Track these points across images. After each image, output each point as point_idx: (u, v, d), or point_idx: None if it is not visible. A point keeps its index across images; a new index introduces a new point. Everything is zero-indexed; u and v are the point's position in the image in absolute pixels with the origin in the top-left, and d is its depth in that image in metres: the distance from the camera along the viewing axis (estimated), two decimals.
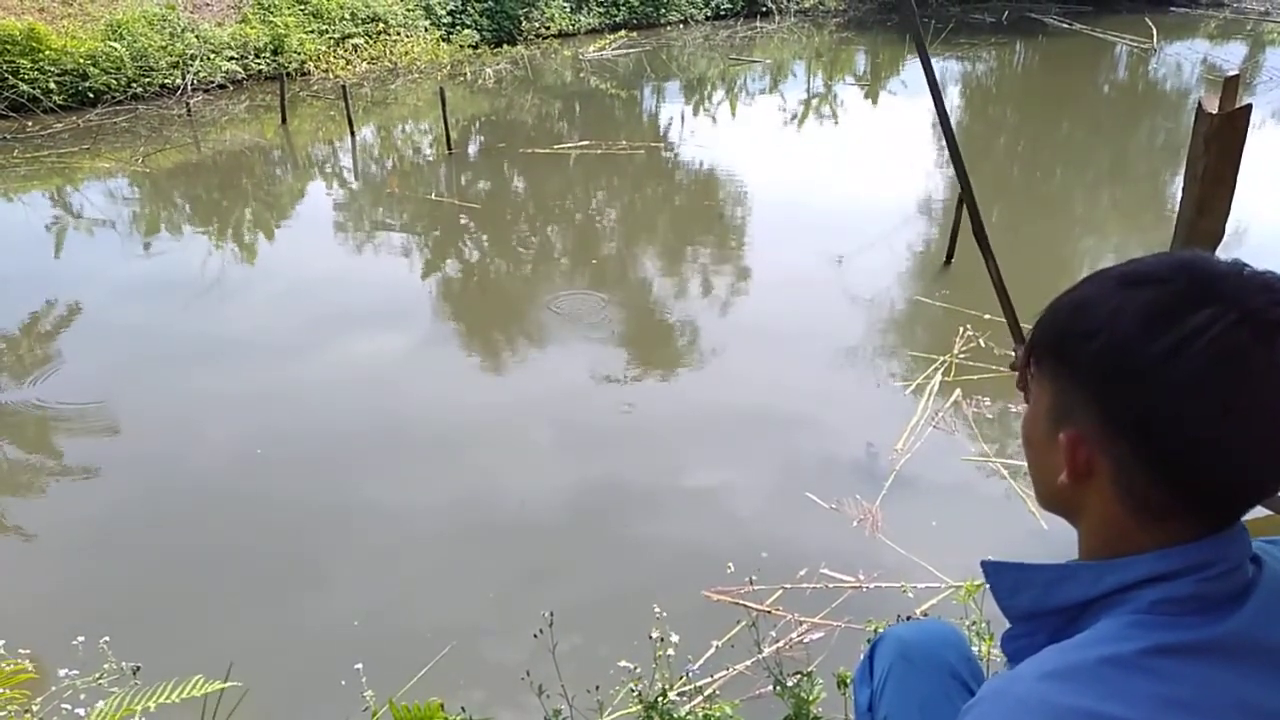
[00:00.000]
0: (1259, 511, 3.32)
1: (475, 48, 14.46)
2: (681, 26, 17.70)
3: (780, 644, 2.95)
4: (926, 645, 1.37)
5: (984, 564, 0.87)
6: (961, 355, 4.87)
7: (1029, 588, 0.83)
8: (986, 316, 5.10)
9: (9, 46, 10.30)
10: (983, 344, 4.94)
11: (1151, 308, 0.74)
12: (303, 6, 13.05)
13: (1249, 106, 3.25)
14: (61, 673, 2.37)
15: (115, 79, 10.94)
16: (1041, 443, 0.84)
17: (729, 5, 18.52)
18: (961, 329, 5.11)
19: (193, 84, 11.36)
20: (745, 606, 2.96)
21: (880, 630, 2.07)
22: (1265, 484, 0.76)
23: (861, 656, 1.48)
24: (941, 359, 4.84)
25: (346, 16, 13.37)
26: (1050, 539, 3.47)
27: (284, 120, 10.48)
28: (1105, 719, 0.70)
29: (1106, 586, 0.78)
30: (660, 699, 2.10)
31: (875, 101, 12.82)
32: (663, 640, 2.26)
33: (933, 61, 1.78)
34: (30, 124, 10.14)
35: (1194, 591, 0.75)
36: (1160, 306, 0.74)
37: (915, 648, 1.38)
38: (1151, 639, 0.73)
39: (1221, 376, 0.71)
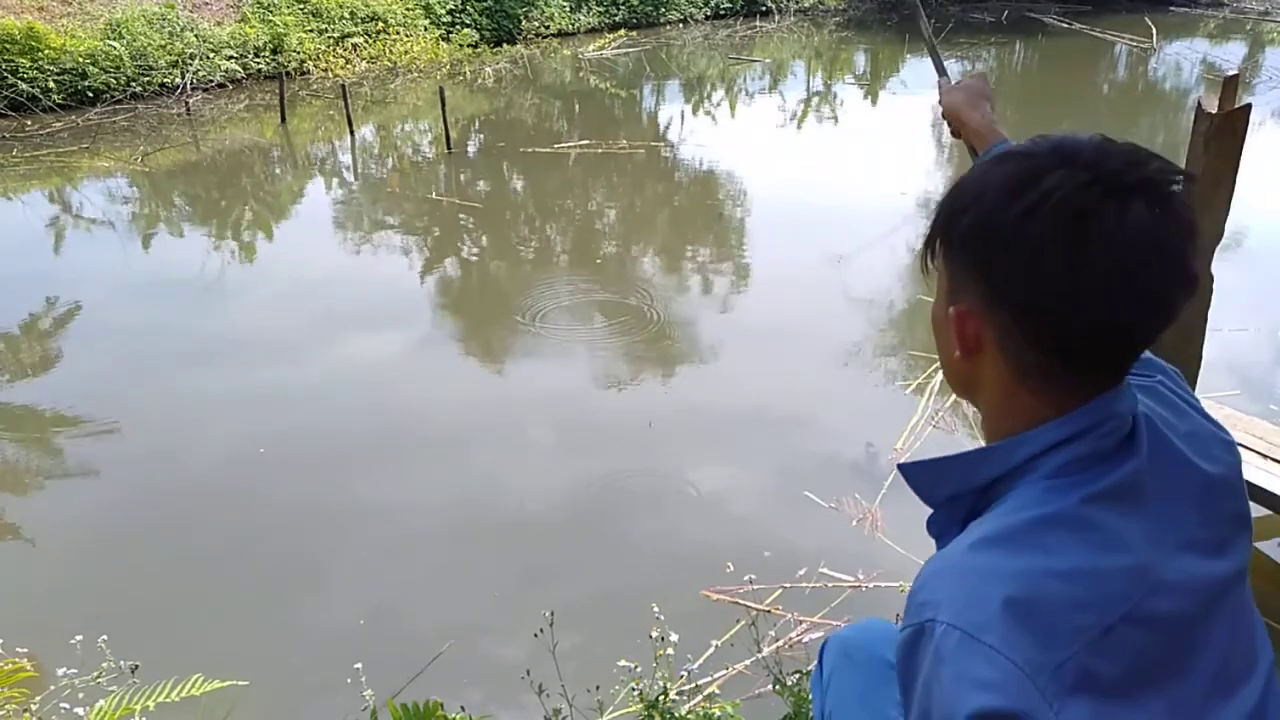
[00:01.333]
0: (1259, 511, 3.33)
1: (475, 47, 14.45)
2: (681, 26, 17.69)
3: (780, 643, 2.95)
4: (866, 641, 1.39)
5: (900, 466, 0.92)
6: None
7: (950, 476, 0.89)
8: None
9: (8, 45, 10.29)
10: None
11: (1013, 177, 0.80)
12: (302, 5, 13.05)
13: (1248, 106, 3.26)
14: (60, 671, 2.37)
15: (114, 78, 10.93)
16: (941, 324, 0.90)
17: (729, 4, 18.51)
18: None
19: (192, 83, 11.35)
20: (745, 606, 2.96)
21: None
22: (1127, 338, 0.80)
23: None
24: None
25: (346, 15, 13.36)
26: None
27: (283, 119, 10.48)
28: (1049, 573, 0.76)
29: (1019, 458, 0.83)
30: (660, 698, 2.10)
31: (875, 101, 12.82)
32: (662, 640, 2.26)
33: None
34: (29, 123, 10.13)
35: (1091, 449, 0.81)
36: (1021, 174, 0.79)
37: (855, 644, 1.40)
38: (1069, 496, 0.79)
39: (1071, 234, 0.75)
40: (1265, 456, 3.34)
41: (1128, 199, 0.76)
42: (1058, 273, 0.76)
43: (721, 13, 18.50)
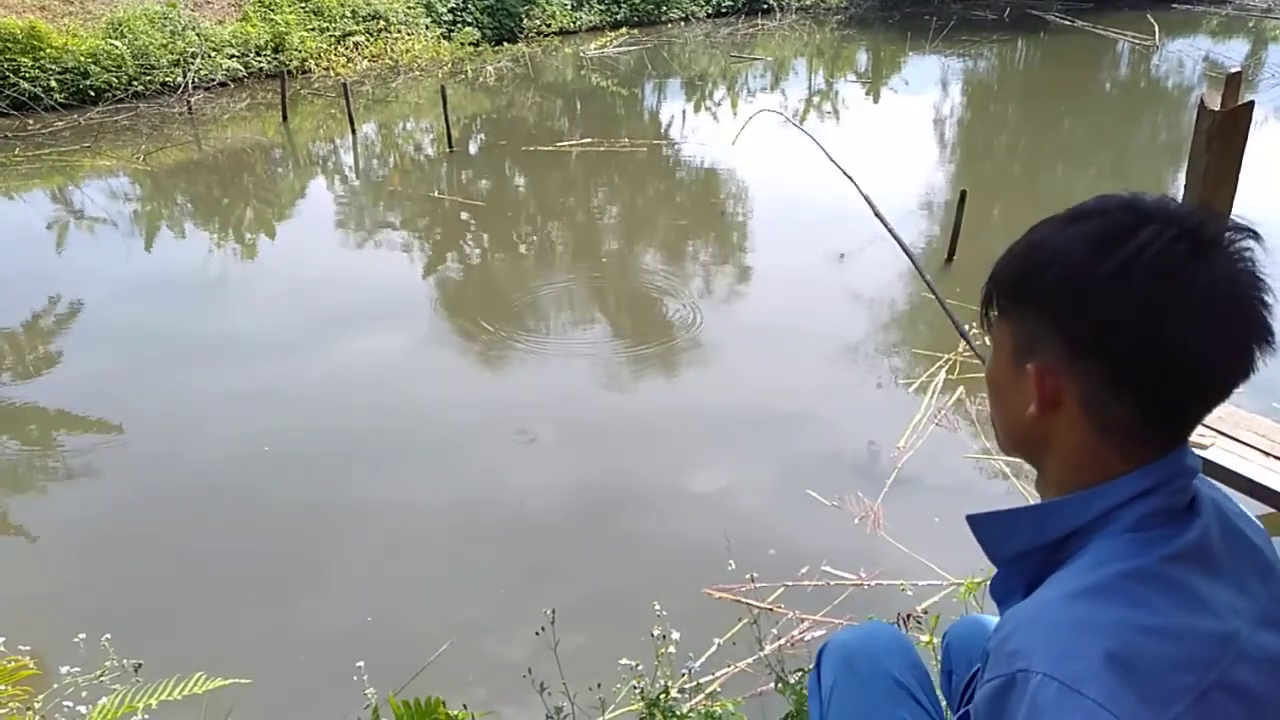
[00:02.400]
0: (1259, 508, 3.32)
1: (476, 45, 14.45)
2: (682, 24, 17.68)
3: (782, 641, 2.95)
4: (870, 652, 1.37)
5: (970, 518, 0.91)
6: (966, 353, 4.85)
7: (1020, 530, 0.87)
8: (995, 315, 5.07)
9: (10, 45, 10.30)
10: (988, 342, 4.92)
11: (1098, 234, 0.81)
12: (304, 4, 13.05)
13: (1251, 104, 3.26)
14: (63, 670, 2.37)
15: (116, 77, 10.94)
16: (1007, 383, 0.89)
17: (730, 2, 18.48)
18: (968, 326, 5.08)
19: (194, 82, 11.35)
20: (747, 604, 2.96)
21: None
22: (1209, 391, 0.82)
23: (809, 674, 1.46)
24: (946, 357, 4.83)
25: (347, 14, 13.36)
26: None
27: (285, 118, 10.48)
28: (1142, 628, 0.75)
29: (1095, 511, 0.83)
30: (662, 696, 2.10)
31: (877, 99, 12.80)
32: (664, 638, 2.26)
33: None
34: (31, 122, 10.13)
35: (1165, 504, 0.82)
36: (1105, 232, 0.81)
37: (858, 655, 1.37)
38: (1151, 553, 0.79)
39: (1165, 286, 0.77)
40: (1267, 454, 3.34)
41: (1208, 254, 0.78)
42: (1150, 328, 0.78)
43: (723, 11, 18.47)
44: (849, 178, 5.21)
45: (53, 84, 10.41)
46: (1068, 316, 0.82)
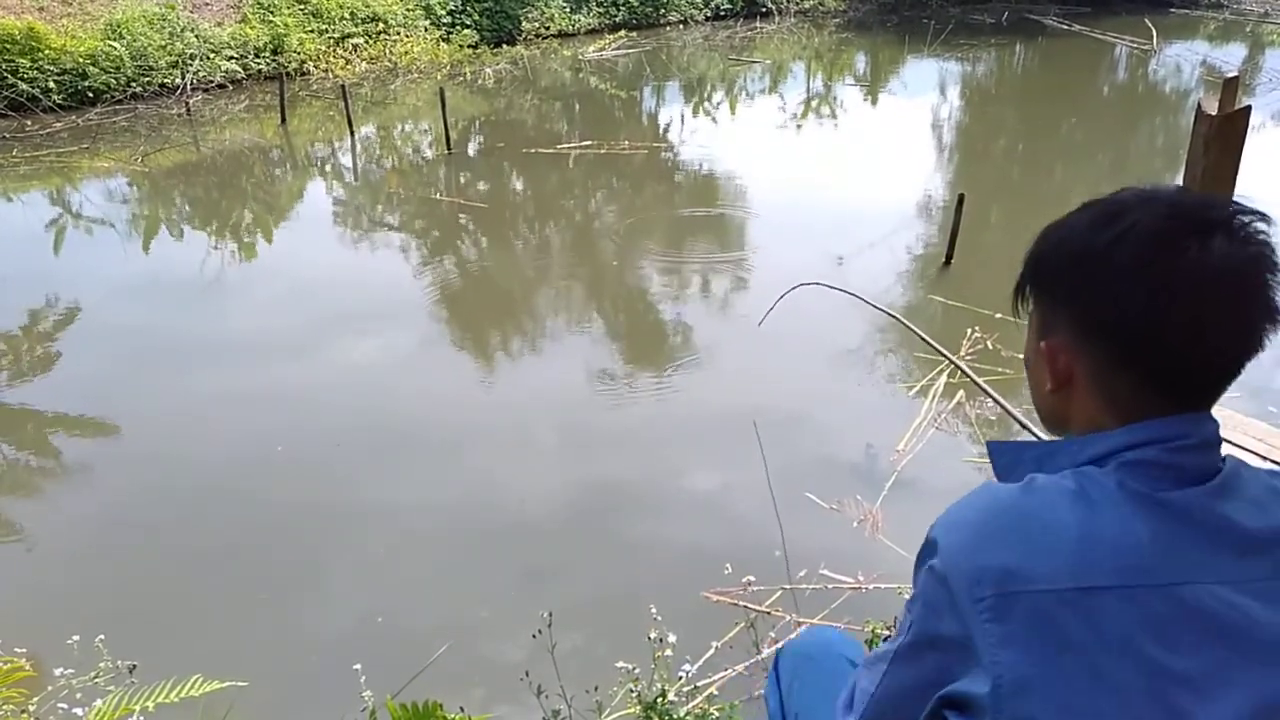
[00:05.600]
0: None
1: (475, 48, 14.45)
2: (681, 27, 17.69)
3: (779, 645, 2.94)
4: (823, 643, 1.46)
5: (990, 444, 0.97)
6: (968, 356, 4.84)
7: (1024, 461, 0.91)
8: (998, 316, 5.10)
9: (8, 46, 10.29)
10: (990, 346, 4.92)
11: (1099, 214, 0.86)
12: (302, 6, 13.04)
13: (1248, 108, 3.26)
14: (58, 672, 2.37)
15: (115, 78, 10.93)
16: (1033, 361, 0.94)
17: (729, 5, 18.50)
18: (969, 330, 5.08)
19: (192, 83, 11.35)
20: (744, 607, 2.96)
21: (881, 628, 2.07)
22: (1214, 366, 0.83)
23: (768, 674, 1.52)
24: (947, 361, 4.82)
25: (346, 16, 13.36)
26: None
27: (283, 120, 10.48)
28: (1036, 518, 0.80)
29: (1087, 455, 0.86)
30: (659, 699, 2.10)
31: (875, 102, 12.81)
32: (661, 641, 2.26)
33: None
34: (30, 123, 10.12)
35: (1160, 458, 0.82)
36: (1105, 212, 0.85)
37: (813, 646, 1.46)
38: (1118, 477, 0.82)
39: (1158, 260, 0.80)
40: (1264, 459, 3.34)
41: (1208, 232, 0.80)
42: (1144, 299, 0.80)
43: (721, 14, 18.49)
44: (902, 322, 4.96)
45: (51, 85, 10.40)
46: (1070, 294, 0.87)
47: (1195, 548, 0.79)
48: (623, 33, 16.41)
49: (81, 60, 10.72)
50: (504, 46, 15.03)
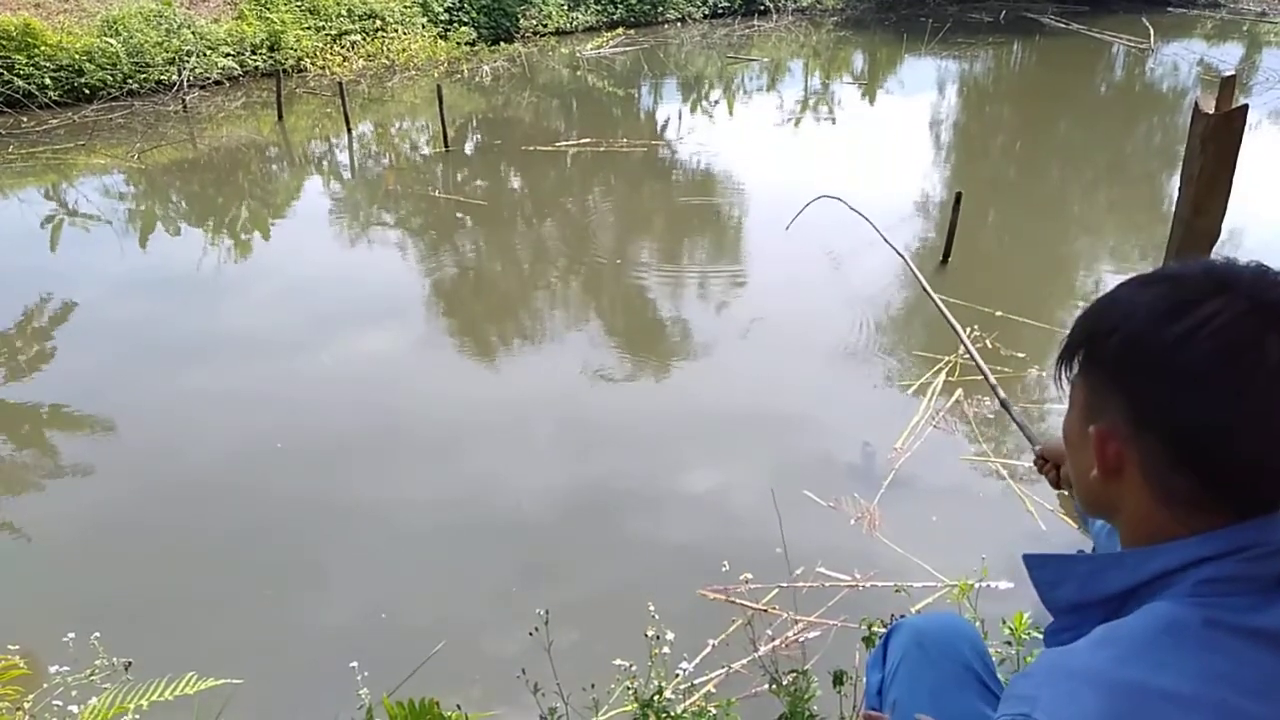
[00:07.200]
0: None
1: (472, 45, 14.44)
2: (679, 24, 17.69)
3: (776, 642, 2.94)
4: (941, 635, 1.38)
5: (1026, 558, 0.88)
6: (966, 356, 4.85)
7: (1071, 578, 0.84)
8: (997, 314, 5.09)
9: (4, 42, 10.27)
10: (989, 344, 4.92)
11: (1165, 300, 0.77)
12: (299, 3, 13.02)
13: (1245, 107, 3.26)
14: (53, 669, 2.36)
15: (111, 75, 10.91)
16: (1077, 441, 0.86)
17: (727, 3, 18.51)
18: (968, 329, 5.08)
19: (189, 80, 11.32)
20: (741, 605, 2.96)
21: (878, 625, 2.07)
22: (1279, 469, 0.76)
23: (873, 648, 1.49)
24: (945, 359, 4.82)
25: (343, 13, 13.34)
26: (1048, 540, 3.47)
27: (280, 117, 10.46)
28: (1155, 692, 0.70)
29: (1150, 572, 0.78)
30: (656, 697, 2.10)
31: (872, 101, 12.81)
32: (658, 638, 2.25)
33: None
34: (26, 120, 10.10)
35: (1236, 572, 0.75)
36: (1173, 299, 0.76)
37: (930, 636, 1.39)
38: (1205, 612, 0.73)
39: (1231, 363, 0.73)
40: None
41: None
42: (1213, 403, 0.73)
43: (719, 11, 18.50)
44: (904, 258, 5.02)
45: (47, 81, 10.38)
46: (1130, 383, 0.78)
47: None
48: (620, 30, 16.40)
49: (78, 57, 10.70)
50: (501, 44, 15.02)
